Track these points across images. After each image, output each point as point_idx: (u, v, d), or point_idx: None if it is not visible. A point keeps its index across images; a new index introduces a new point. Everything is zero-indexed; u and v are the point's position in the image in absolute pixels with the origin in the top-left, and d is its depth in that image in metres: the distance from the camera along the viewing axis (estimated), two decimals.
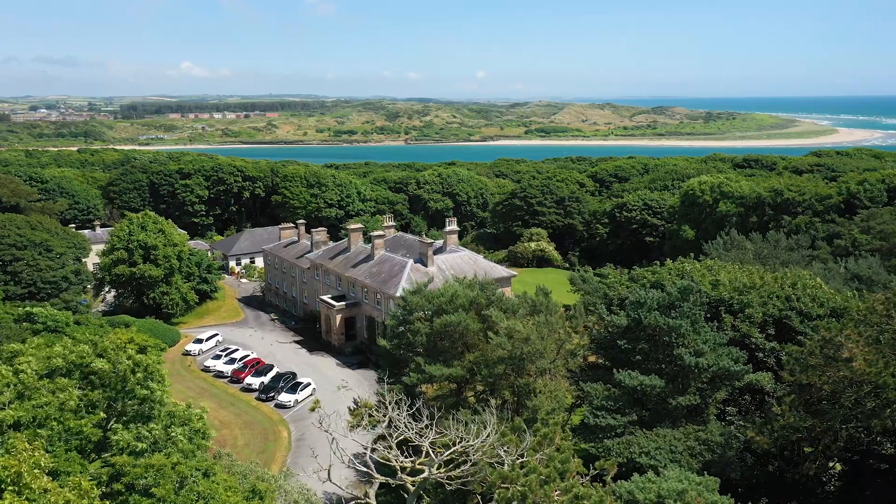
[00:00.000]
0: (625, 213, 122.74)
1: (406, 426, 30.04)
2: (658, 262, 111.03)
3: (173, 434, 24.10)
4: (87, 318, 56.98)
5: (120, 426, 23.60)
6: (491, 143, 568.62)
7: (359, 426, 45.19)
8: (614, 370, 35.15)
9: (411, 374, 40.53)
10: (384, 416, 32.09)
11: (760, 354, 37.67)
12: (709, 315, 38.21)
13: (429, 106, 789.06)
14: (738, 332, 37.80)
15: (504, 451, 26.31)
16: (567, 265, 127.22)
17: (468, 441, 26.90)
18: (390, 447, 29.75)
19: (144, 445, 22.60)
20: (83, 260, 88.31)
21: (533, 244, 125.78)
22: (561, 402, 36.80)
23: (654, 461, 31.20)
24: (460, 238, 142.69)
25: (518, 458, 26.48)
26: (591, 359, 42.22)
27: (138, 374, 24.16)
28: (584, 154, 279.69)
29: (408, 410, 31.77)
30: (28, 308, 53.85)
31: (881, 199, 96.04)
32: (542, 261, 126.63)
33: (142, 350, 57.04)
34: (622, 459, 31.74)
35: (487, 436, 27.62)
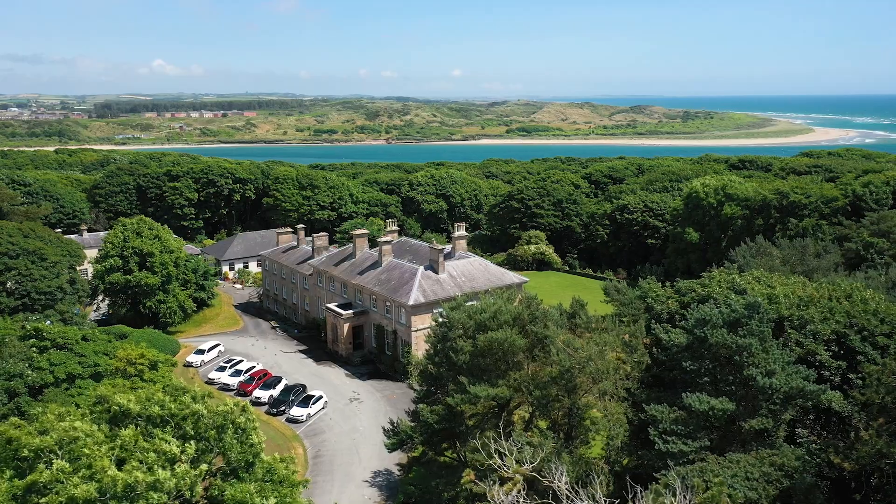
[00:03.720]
0: (625, 216, 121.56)
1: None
2: (661, 265, 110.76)
3: (286, 497, 21.55)
4: (95, 333, 53.99)
5: (221, 481, 20.98)
6: (473, 142, 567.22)
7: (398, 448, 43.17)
8: (683, 393, 33.36)
9: (454, 394, 38.39)
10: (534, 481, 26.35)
11: (826, 373, 36.23)
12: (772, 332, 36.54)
13: (408, 105, 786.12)
14: (801, 350, 36.28)
15: None
16: (566, 268, 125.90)
17: None
18: None
19: None
20: (77, 268, 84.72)
21: (532, 247, 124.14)
22: (623, 425, 35.04)
23: (732, 490, 29.51)
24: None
25: None
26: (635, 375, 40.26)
27: (240, 419, 21.76)
28: (569, 153, 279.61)
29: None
30: (35, 324, 50.82)
31: (887, 202, 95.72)
32: (541, 264, 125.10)
33: (153, 366, 54.58)
34: (697, 490, 29.95)
35: None
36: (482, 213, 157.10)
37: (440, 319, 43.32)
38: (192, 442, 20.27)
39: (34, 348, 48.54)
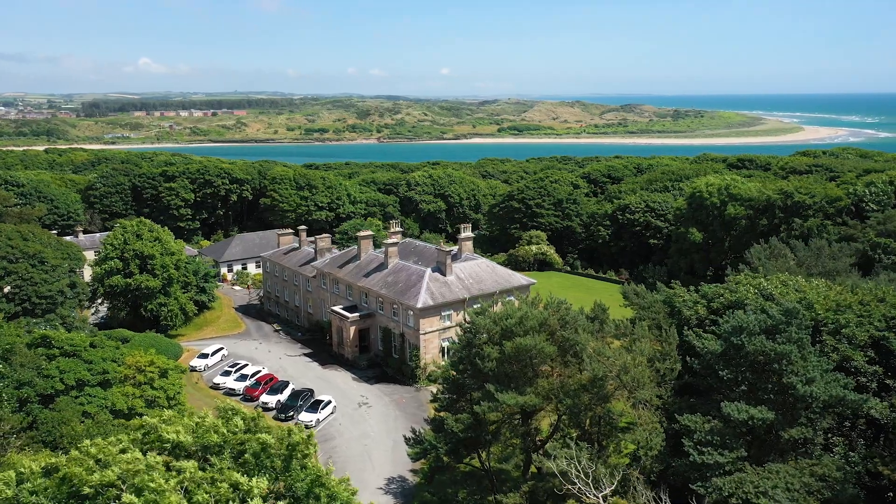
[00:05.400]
0: (627, 216, 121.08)
1: None
2: (664, 265, 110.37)
3: None
4: (102, 339, 52.75)
5: None
6: (464, 141, 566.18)
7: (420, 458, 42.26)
8: (722, 402, 32.68)
9: (481, 402, 37.53)
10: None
11: (862, 379, 35.68)
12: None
13: (399, 104, 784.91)
14: (836, 355, 35.69)
15: None
16: (568, 268, 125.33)
17: None
18: None
19: None
20: (77, 271, 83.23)
21: (534, 247, 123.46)
22: (659, 434, 34.30)
23: (774, 503, 28.84)
24: (454, 241, 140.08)
25: None
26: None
27: (309, 450, 20.71)
28: (562, 152, 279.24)
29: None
30: (43, 331, 49.53)
31: (889, 201, 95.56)
32: (542, 264, 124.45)
33: (163, 373, 53.38)
34: (737, 501, 29.32)
35: None
36: (481, 212, 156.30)
37: (464, 325, 42.40)
38: (261, 474, 19.14)
39: (43, 356, 47.30)
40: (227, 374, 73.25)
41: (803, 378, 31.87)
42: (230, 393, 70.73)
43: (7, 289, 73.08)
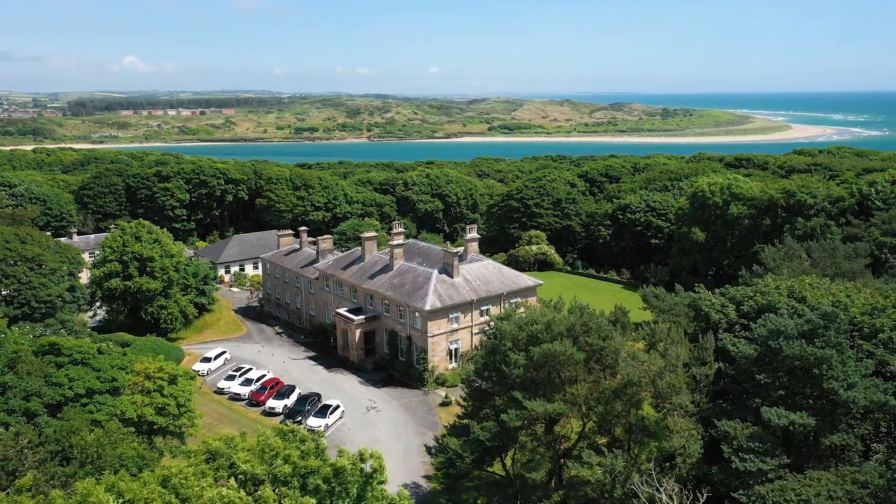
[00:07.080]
0: (628, 215, 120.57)
1: None
2: (666, 265, 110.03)
3: None
4: (108, 345, 51.38)
5: None
6: (455, 139, 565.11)
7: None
8: (762, 407, 32.02)
9: (509, 410, 36.64)
10: None
11: None
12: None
13: (388, 102, 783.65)
14: (873, 360, 35.13)
15: None
16: (568, 268, 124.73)
17: None
18: None
19: None
20: (76, 274, 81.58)
21: (534, 247, 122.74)
22: (697, 442, 33.58)
23: None
24: (452, 241, 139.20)
25: None
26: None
27: (381, 474, 19.86)
28: (554, 150, 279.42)
29: None
30: (51, 338, 48.10)
31: (893, 201, 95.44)
32: (542, 264, 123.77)
33: (172, 380, 52.08)
34: None
35: None
36: (478, 212, 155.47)
37: (488, 331, 41.48)
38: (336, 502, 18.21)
39: (52, 364, 45.94)
40: (231, 378, 71.97)
41: (844, 383, 31.28)
42: (235, 398, 69.45)
43: (5, 292, 71.50)
